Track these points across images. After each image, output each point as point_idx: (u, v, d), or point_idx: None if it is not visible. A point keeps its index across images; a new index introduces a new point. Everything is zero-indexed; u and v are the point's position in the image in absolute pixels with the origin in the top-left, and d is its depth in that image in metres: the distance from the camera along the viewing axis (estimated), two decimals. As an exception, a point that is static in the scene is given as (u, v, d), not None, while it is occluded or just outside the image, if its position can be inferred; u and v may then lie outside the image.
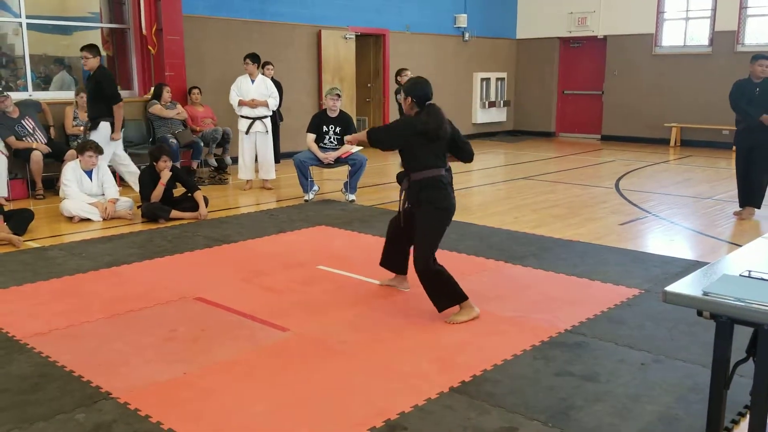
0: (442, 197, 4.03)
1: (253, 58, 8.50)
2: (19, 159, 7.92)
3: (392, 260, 4.58)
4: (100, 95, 7.31)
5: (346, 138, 4.64)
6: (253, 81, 8.50)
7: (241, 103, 8.45)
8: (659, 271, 5.04)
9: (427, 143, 4.01)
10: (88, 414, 2.92)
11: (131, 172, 7.84)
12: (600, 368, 3.41)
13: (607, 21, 14.44)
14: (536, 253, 5.55)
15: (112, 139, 7.43)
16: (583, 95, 15.33)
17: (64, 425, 2.83)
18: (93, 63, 7.27)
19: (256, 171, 8.79)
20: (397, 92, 8.29)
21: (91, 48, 7.31)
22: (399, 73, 8.61)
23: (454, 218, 4.18)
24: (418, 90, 4.08)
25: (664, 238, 6.26)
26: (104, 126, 7.36)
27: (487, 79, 15.11)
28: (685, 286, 2.40)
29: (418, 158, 4.04)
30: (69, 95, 9.02)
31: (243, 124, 8.54)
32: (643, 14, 13.93)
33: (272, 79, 9.86)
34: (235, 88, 8.54)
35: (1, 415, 2.91)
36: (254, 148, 8.60)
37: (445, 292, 4.06)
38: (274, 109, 8.76)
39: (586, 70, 15.14)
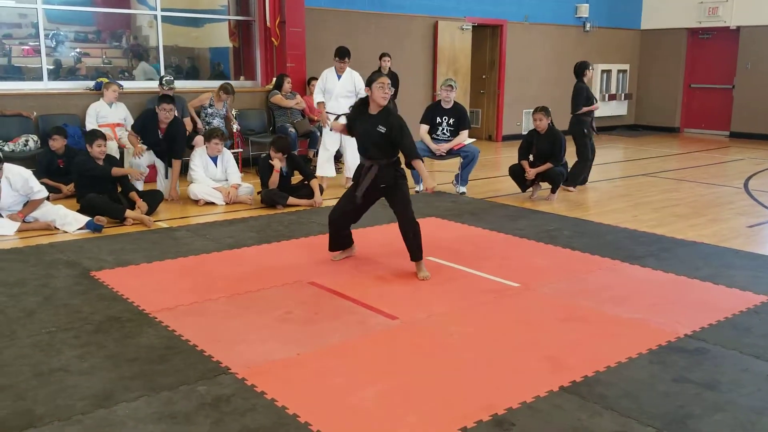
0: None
1: (341, 53, 7.90)
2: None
3: (341, 243, 5.19)
4: None
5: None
6: (339, 76, 7.96)
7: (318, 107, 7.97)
8: (792, 279, 4.71)
9: None
10: (209, 387, 3.10)
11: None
12: (721, 377, 3.24)
13: (741, 11, 13.54)
14: (656, 254, 5.32)
15: None
16: (711, 89, 14.49)
17: (187, 396, 3.02)
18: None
19: (339, 170, 8.29)
20: None
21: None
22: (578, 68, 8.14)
23: (567, 214, 4.09)
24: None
25: (799, 243, 5.84)
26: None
27: (608, 71, 14.58)
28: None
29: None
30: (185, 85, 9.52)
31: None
32: (783, 3, 12.99)
33: (389, 70, 9.98)
34: (320, 83, 7.99)
35: (131, 382, 3.14)
36: (337, 144, 8.02)
37: (420, 245, 4.78)
38: None
39: (716, 62, 14.28)
